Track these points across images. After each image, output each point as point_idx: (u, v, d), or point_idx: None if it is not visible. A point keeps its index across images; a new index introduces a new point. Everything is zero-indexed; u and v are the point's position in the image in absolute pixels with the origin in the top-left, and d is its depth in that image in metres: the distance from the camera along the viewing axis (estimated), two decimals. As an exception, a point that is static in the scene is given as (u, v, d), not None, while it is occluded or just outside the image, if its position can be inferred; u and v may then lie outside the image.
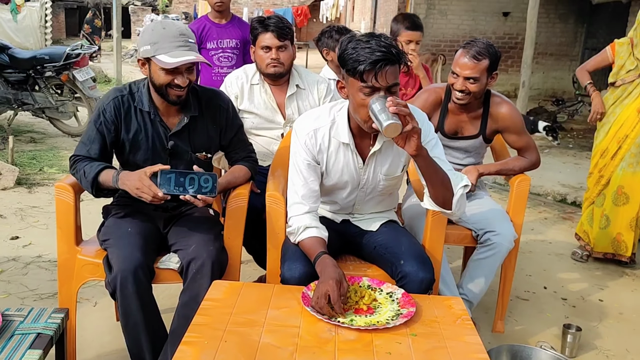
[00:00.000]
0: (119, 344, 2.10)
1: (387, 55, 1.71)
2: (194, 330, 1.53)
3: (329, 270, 1.73)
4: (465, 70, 2.42)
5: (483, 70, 2.42)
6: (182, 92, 2.03)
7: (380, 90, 1.74)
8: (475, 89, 2.45)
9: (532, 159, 2.66)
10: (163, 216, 2.22)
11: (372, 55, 1.70)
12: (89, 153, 2.06)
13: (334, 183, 2.05)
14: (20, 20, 13.91)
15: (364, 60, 1.71)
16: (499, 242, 2.46)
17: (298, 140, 1.98)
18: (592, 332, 2.79)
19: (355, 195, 2.10)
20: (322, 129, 1.97)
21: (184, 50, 1.97)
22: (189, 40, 2.00)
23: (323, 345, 1.49)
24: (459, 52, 2.48)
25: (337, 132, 1.96)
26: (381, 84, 1.73)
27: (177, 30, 1.98)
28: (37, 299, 2.80)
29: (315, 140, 1.97)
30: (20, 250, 3.36)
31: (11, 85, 6.09)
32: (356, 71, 1.73)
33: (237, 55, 3.69)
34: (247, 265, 3.03)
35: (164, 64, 1.94)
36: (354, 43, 1.75)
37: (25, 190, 4.46)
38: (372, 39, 1.74)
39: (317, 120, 1.98)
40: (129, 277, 1.89)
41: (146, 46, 1.98)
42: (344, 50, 1.77)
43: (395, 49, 1.74)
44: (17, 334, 1.64)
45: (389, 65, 1.72)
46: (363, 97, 1.76)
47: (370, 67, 1.70)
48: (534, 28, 6.77)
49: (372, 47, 1.71)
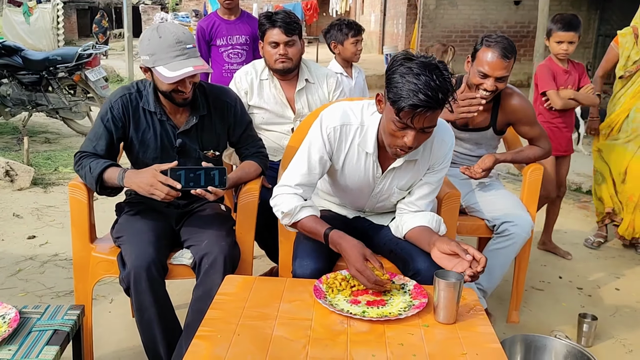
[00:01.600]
0: (135, 340, 2.13)
1: (430, 102, 1.58)
2: (207, 324, 1.54)
3: (346, 240, 1.76)
4: (497, 71, 2.36)
5: (511, 68, 2.40)
6: (188, 95, 2.04)
7: (413, 130, 1.66)
8: (504, 86, 2.44)
9: (545, 148, 2.64)
10: (175, 213, 2.24)
11: (415, 95, 1.57)
12: (95, 150, 2.07)
13: (347, 184, 2.02)
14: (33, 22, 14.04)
15: (406, 98, 1.58)
16: (517, 233, 2.44)
17: (321, 130, 1.89)
18: (608, 321, 2.77)
19: (367, 200, 2.09)
20: (349, 127, 1.89)
21: (182, 60, 1.94)
22: (186, 47, 1.96)
23: (335, 337, 1.50)
24: (483, 50, 2.39)
25: (364, 138, 1.88)
26: (416, 126, 1.64)
27: (174, 38, 1.94)
28: (55, 296, 2.84)
29: (339, 135, 1.89)
30: (37, 249, 3.41)
31: (25, 87, 6.17)
32: (395, 104, 1.62)
33: (247, 51, 3.69)
34: (260, 260, 3.05)
35: (163, 78, 1.94)
36: (405, 69, 1.61)
37: (41, 190, 4.52)
38: (423, 74, 1.58)
39: (347, 116, 1.89)
40: (143, 273, 1.90)
41: (145, 56, 1.98)
42: (392, 72, 1.65)
43: (443, 92, 1.59)
44: (34, 330, 1.67)
45: (430, 111, 1.60)
46: (394, 128, 1.68)
47: (409, 109, 1.60)
48: (546, 16, 6.68)
49: (420, 85, 1.57)
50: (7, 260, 3.25)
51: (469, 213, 2.65)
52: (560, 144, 3.31)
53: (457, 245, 1.71)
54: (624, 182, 3.45)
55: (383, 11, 15.33)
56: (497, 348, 1.48)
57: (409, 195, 2.02)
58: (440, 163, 1.95)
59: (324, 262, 1.89)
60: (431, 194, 2.01)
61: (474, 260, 1.67)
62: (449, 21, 10.98)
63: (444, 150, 1.93)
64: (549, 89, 3.22)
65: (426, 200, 2.00)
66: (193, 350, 1.42)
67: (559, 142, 3.30)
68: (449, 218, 2.15)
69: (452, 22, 10.98)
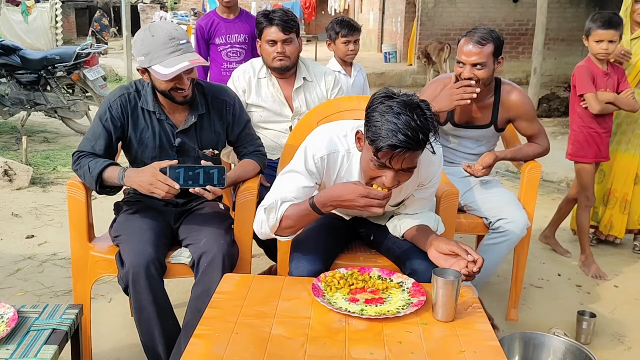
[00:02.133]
0: (134, 338, 2.13)
1: (409, 143, 1.53)
2: (205, 323, 1.54)
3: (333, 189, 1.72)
4: (471, 57, 2.40)
5: (489, 55, 2.40)
6: (187, 92, 2.04)
7: (392, 170, 1.61)
8: (484, 75, 2.43)
9: (544, 145, 2.64)
10: (173, 212, 2.24)
11: (395, 136, 1.52)
12: (94, 149, 2.07)
13: None
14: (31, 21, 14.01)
15: (385, 137, 1.54)
16: (511, 230, 2.45)
17: (306, 159, 1.82)
18: (607, 318, 2.77)
19: (359, 213, 2.08)
20: (336, 154, 1.84)
21: (177, 56, 1.95)
22: (180, 42, 1.96)
23: (334, 335, 1.50)
24: (462, 40, 2.46)
25: (348, 169, 1.85)
26: (394, 167, 1.60)
27: (166, 35, 1.94)
28: (53, 296, 2.84)
29: (327, 164, 1.84)
30: (36, 249, 3.41)
31: (23, 86, 6.16)
32: (373, 143, 1.58)
33: (246, 50, 3.69)
34: (259, 259, 3.05)
35: (160, 76, 1.94)
36: (384, 107, 1.57)
37: (40, 190, 4.52)
38: (404, 113, 1.54)
39: (333, 143, 1.83)
40: (141, 272, 1.90)
41: (140, 57, 1.98)
42: (372, 110, 1.60)
43: (424, 133, 1.55)
44: (32, 330, 1.66)
45: (409, 152, 1.56)
46: (372, 168, 1.64)
47: (388, 149, 1.55)
48: (544, 13, 6.70)
49: (399, 125, 1.52)
50: (6, 259, 3.24)
51: (467, 211, 2.65)
52: (600, 150, 3.21)
53: (457, 245, 1.71)
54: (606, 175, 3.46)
55: (382, 9, 15.32)
56: (496, 345, 1.48)
57: (405, 208, 2.00)
58: (430, 180, 1.92)
59: (321, 264, 1.88)
60: (426, 204, 2.00)
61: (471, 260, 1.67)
62: (448, 19, 10.98)
63: (433, 169, 1.89)
64: (587, 92, 3.08)
65: (422, 209, 2.00)
66: (191, 348, 1.42)
67: (599, 147, 3.20)
68: (447, 216, 2.15)
69: (450, 20, 10.98)
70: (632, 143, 3.38)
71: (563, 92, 8.76)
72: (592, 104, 3.09)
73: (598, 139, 3.20)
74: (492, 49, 2.40)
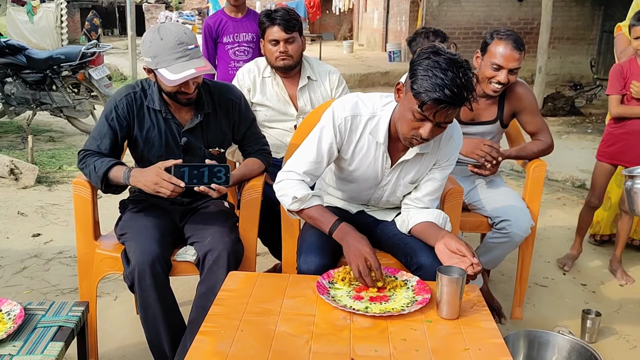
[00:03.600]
0: (140, 336, 2.14)
1: (455, 99, 1.59)
2: (211, 320, 1.55)
3: (354, 236, 1.77)
4: (511, 62, 2.40)
5: (522, 59, 2.44)
6: (192, 95, 2.04)
7: (431, 123, 1.68)
8: (515, 79, 2.47)
9: (547, 141, 2.64)
10: (179, 210, 2.25)
11: (441, 91, 1.58)
12: (100, 148, 2.08)
13: (355, 175, 2.02)
14: (37, 21, 14.05)
15: (431, 91, 1.59)
16: (514, 232, 2.46)
17: (333, 119, 1.89)
18: (612, 317, 2.76)
19: (372, 192, 2.09)
20: (360, 117, 1.89)
21: (184, 62, 1.94)
22: (188, 48, 1.95)
23: (338, 332, 1.50)
24: (495, 43, 2.43)
25: (375, 128, 1.89)
26: (437, 120, 1.67)
27: (175, 39, 1.94)
28: (59, 294, 2.86)
29: (350, 126, 1.89)
30: (42, 247, 3.43)
31: (29, 86, 6.19)
32: (418, 95, 1.63)
33: (253, 49, 3.69)
34: (263, 257, 3.06)
35: (166, 81, 1.94)
36: (432, 62, 1.61)
37: (46, 189, 4.54)
38: (451, 70, 1.59)
39: (358, 107, 1.89)
40: (147, 270, 1.91)
41: (147, 58, 1.99)
42: (419, 64, 1.65)
43: (467, 90, 1.61)
44: (39, 327, 1.68)
45: (451, 108, 1.63)
46: (412, 119, 1.69)
47: (433, 103, 1.61)
48: (549, 12, 6.68)
49: (447, 80, 1.58)
50: (12, 257, 3.26)
51: (471, 210, 2.65)
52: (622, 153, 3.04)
53: (466, 246, 1.72)
54: None
55: (386, 8, 15.28)
56: (500, 343, 1.48)
57: (415, 191, 2.03)
58: (447, 160, 1.97)
59: (329, 258, 1.90)
60: (436, 191, 2.02)
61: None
62: (452, 18, 10.96)
63: (451, 148, 1.94)
64: (612, 94, 3.02)
65: (432, 197, 2.02)
66: (197, 345, 1.43)
67: (622, 150, 3.05)
68: (452, 214, 2.15)
69: (455, 19, 10.96)
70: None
71: (568, 91, 8.74)
72: (610, 106, 3.04)
73: (622, 141, 3.05)
74: (524, 55, 2.44)
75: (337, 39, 20.85)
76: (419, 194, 2.02)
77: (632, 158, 2.97)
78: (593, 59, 10.29)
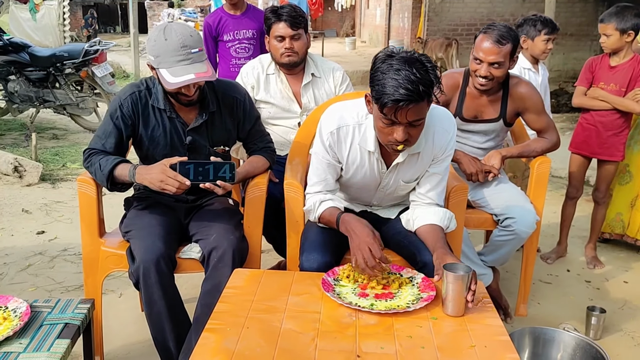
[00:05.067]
0: (145, 333, 2.14)
1: (410, 95, 1.60)
2: (216, 318, 1.55)
3: (356, 226, 1.80)
4: (490, 56, 2.39)
5: (507, 54, 2.40)
6: (192, 97, 2.04)
7: (400, 125, 1.68)
8: (499, 73, 2.43)
9: (552, 139, 2.63)
10: (183, 207, 2.25)
11: (396, 91, 1.60)
12: (105, 147, 2.08)
13: (354, 182, 2.04)
14: (39, 19, 14.05)
15: (387, 94, 1.61)
16: (519, 229, 2.45)
17: (320, 137, 1.94)
18: (617, 314, 2.76)
19: (373, 194, 2.11)
20: (345, 128, 1.92)
21: (185, 65, 1.93)
22: (191, 51, 1.94)
23: (344, 329, 1.50)
24: (479, 37, 2.44)
25: (363, 137, 1.91)
26: (400, 121, 1.67)
27: (179, 42, 1.92)
28: (64, 291, 2.86)
29: (338, 138, 1.92)
30: (47, 245, 3.44)
31: (32, 83, 6.19)
32: (378, 101, 1.66)
33: (254, 46, 3.69)
34: (268, 255, 3.06)
35: (165, 82, 1.94)
36: (386, 66, 1.65)
37: (50, 186, 4.54)
38: (403, 68, 1.61)
39: (343, 118, 1.92)
40: (152, 267, 1.92)
41: (151, 56, 1.99)
42: (375, 71, 1.69)
43: (424, 84, 1.62)
44: (45, 324, 1.68)
45: (412, 104, 1.62)
46: (382, 125, 1.72)
47: (392, 104, 1.62)
48: (552, 9, 6.66)
49: (399, 80, 1.60)
50: (17, 255, 3.27)
51: (475, 207, 2.65)
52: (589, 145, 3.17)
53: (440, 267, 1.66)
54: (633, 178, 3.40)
55: (388, 5, 15.26)
56: (506, 340, 1.48)
57: (419, 187, 2.03)
58: (444, 152, 1.96)
59: (331, 256, 1.90)
60: (440, 184, 2.02)
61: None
62: (455, 14, 10.93)
63: (446, 139, 1.94)
64: (578, 85, 3.19)
65: (436, 190, 2.02)
66: (203, 343, 1.44)
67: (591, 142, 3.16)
68: (456, 211, 2.14)
69: (458, 16, 10.93)
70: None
71: (571, 88, 8.70)
72: (574, 96, 3.18)
73: (594, 134, 3.15)
74: (510, 49, 2.40)
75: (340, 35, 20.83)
76: (422, 189, 2.02)
77: (592, 148, 3.18)
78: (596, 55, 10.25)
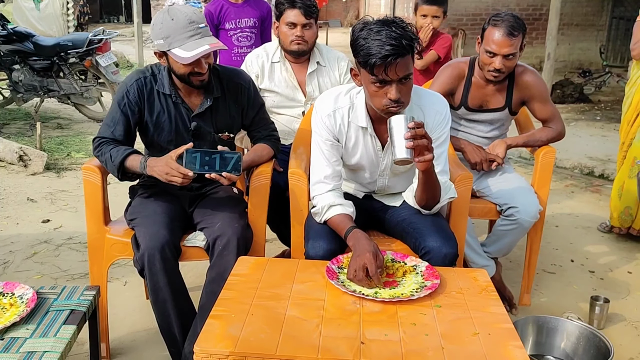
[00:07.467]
0: (150, 321, 2.16)
1: (396, 49, 1.67)
2: (221, 305, 1.56)
3: (363, 243, 1.75)
4: (504, 48, 2.37)
5: (518, 45, 2.39)
6: (205, 76, 2.05)
7: (392, 83, 1.73)
8: (512, 64, 2.43)
9: (557, 129, 2.62)
10: (188, 195, 2.25)
11: (382, 48, 1.66)
12: (114, 135, 2.09)
13: (354, 164, 2.06)
14: (43, 8, 14.02)
15: (374, 54, 1.67)
16: (522, 218, 2.45)
17: (318, 120, 1.99)
18: (620, 304, 2.76)
19: (375, 178, 2.11)
20: (340, 110, 1.97)
21: (196, 40, 1.95)
22: (199, 26, 1.96)
23: (348, 317, 1.51)
24: (489, 29, 2.42)
25: (355, 115, 1.96)
26: (392, 78, 1.72)
27: (186, 19, 1.95)
28: (70, 279, 2.88)
29: (334, 120, 1.97)
30: (52, 233, 3.45)
31: (37, 73, 6.18)
32: (367, 64, 1.71)
33: (256, 34, 3.68)
34: (272, 244, 3.07)
35: (180, 59, 1.95)
36: (365, 32, 1.71)
37: (54, 175, 4.56)
38: (383, 29, 1.69)
39: (336, 101, 1.98)
40: (156, 255, 1.93)
41: (159, 40, 1.98)
42: (356, 40, 1.74)
43: (406, 39, 1.69)
44: (51, 310, 1.69)
45: (399, 59, 1.68)
46: (375, 89, 1.76)
47: (381, 62, 1.67)
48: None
49: (382, 39, 1.67)
50: (22, 243, 3.29)
51: (480, 197, 2.65)
52: None
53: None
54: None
55: (393, -6, 15.16)
56: (510, 328, 1.48)
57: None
58: (440, 134, 1.95)
59: (336, 243, 1.91)
60: (439, 165, 1.95)
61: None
62: (461, 4, 10.84)
63: (439, 120, 1.96)
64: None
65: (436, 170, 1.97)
66: (208, 329, 1.45)
67: None
68: (461, 200, 2.15)
69: (463, 5, 10.84)
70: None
71: (577, 78, 8.66)
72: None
73: None
74: (521, 39, 2.39)
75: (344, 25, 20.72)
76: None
77: None
78: (602, 46, 10.18)
